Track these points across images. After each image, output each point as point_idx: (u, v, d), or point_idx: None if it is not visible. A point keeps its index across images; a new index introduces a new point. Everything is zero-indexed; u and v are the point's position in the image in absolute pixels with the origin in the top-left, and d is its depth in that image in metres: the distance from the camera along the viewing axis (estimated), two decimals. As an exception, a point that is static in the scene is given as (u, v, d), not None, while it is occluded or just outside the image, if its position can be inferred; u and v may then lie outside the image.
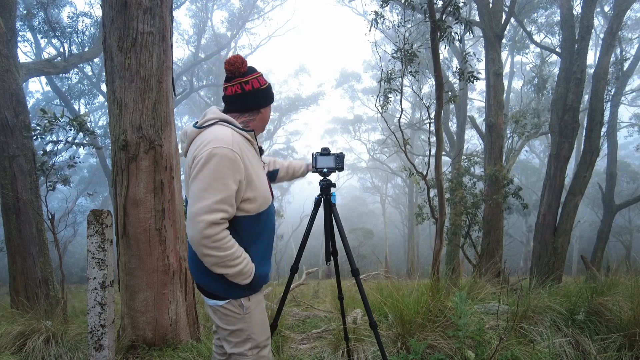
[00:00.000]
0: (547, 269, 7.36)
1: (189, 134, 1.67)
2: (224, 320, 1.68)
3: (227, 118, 1.65)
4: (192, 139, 1.64)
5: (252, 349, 1.69)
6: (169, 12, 3.30)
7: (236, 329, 1.67)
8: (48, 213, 4.76)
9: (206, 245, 1.48)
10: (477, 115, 18.50)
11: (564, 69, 8.28)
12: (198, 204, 1.48)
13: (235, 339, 1.68)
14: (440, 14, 4.23)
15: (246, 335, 1.68)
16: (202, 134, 1.60)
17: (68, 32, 11.93)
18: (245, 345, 1.68)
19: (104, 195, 24.96)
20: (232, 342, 1.69)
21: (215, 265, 1.54)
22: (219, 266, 1.54)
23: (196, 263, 1.66)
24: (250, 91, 1.70)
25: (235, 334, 1.68)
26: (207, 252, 1.50)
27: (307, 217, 5.90)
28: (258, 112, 1.77)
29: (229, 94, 1.72)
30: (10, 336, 2.97)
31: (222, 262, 1.53)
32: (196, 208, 1.48)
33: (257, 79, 1.72)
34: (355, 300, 4.06)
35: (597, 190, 14.27)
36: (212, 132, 1.57)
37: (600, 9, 14.60)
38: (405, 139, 4.88)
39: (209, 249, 1.49)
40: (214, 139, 1.53)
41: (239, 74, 1.69)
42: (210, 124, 1.63)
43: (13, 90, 5.28)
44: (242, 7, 23.57)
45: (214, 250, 1.49)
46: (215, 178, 1.48)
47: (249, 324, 1.68)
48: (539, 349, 2.49)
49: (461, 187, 8.48)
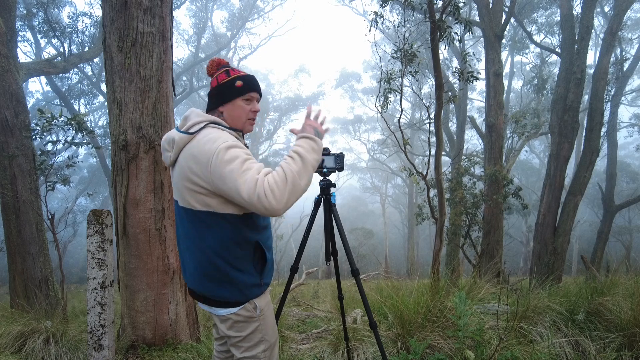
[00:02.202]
0: (547, 269, 7.37)
1: (177, 141, 1.55)
2: (235, 328, 1.62)
3: (214, 119, 1.60)
4: (182, 146, 1.54)
5: (265, 351, 1.66)
6: (169, 12, 3.30)
7: (249, 332, 1.62)
8: (48, 213, 4.76)
9: (284, 193, 1.38)
10: (477, 115, 18.49)
11: (564, 69, 8.29)
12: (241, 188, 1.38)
13: (248, 343, 1.63)
14: (440, 14, 4.22)
15: (260, 338, 1.64)
16: (197, 138, 1.51)
17: (68, 32, 11.93)
18: (259, 347, 1.64)
19: (104, 195, 24.95)
20: (244, 346, 1.64)
21: (300, 186, 1.44)
22: (303, 177, 1.45)
23: (204, 269, 1.58)
24: (214, 88, 1.67)
25: (248, 338, 1.63)
26: (290, 194, 1.40)
27: (307, 217, 5.90)
28: (219, 110, 1.67)
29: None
30: (10, 336, 2.96)
31: (300, 174, 1.44)
32: (241, 190, 1.38)
33: (218, 75, 1.67)
34: (355, 300, 4.05)
35: (597, 190, 14.27)
36: (209, 134, 1.50)
37: (600, 9, 14.60)
38: (405, 139, 4.88)
39: (278, 197, 1.38)
40: (217, 138, 1.47)
41: (209, 75, 1.70)
42: (200, 127, 1.54)
43: (13, 90, 5.28)
44: (242, 7, 23.56)
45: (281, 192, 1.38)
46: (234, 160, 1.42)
47: (263, 325, 1.65)
48: (539, 349, 2.49)
49: (461, 187, 8.48)
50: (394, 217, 36.88)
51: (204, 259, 1.57)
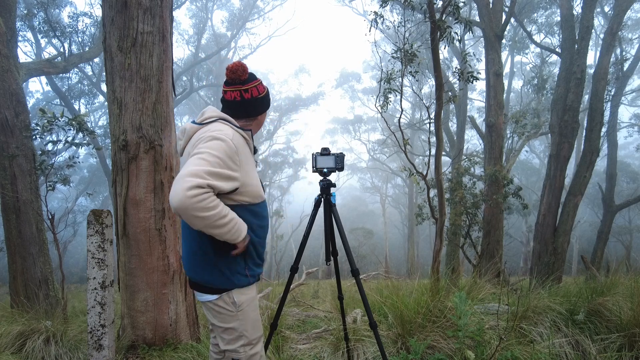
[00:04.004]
0: (547, 269, 7.36)
1: (187, 130, 1.70)
2: (218, 318, 1.71)
3: (226, 117, 1.71)
4: (191, 134, 1.68)
5: (244, 346, 1.72)
6: (169, 12, 3.30)
7: (229, 326, 1.70)
8: (48, 213, 4.76)
9: (193, 206, 1.41)
10: (477, 115, 18.47)
11: (564, 69, 8.29)
12: (187, 169, 1.45)
13: (229, 336, 1.71)
14: (440, 14, 4.22)
15: (238, 333, 1.71)
16: (203, 128, 1.64)
17: (68, 32, 11.93)
18: (238, 342, 1.71)
19: (104, 195, 24.95)
20: (225, 339, 1.72)
21: (206, 226, 1.49)
22: (209, 227, 1.49)
23: (194, 255, 1.68)
24: (249, 100, 1.75)
25: (228, 331, 1.71)
26: (195, 213, 1.43)
27: (307, 217, 5.90)
28: (255, 118, 1.82)
29: (229, 98, 1.76)
30: (10, 336, 2.96)
31: (212, 223, 1.48)
32: (185, 171, 1.44)
33: (256, 87, 1.76)
34: (355, 300, 4.05)
35: (597, 190, 14.26)
36: (214, 126, 1.63)
37: (600, 9, 14.59)
38: (405, 139, 4.87)
39: (197, 210, 1.42)
40: (217, 130, 1.59)
41: (239, 81, 1.73)
42: (211, 121, 1.68)
43: (13, 90, 5.28)
44: (242, 7, 23.54)
45: (202, 211, 1.43)
46: (213, 154, 1.50)
47: (242, 321, 1.71)
48: (539, 349, 2.49)
49: (461, 187, 8.47)
50: (394, 217, 36.87)
51: (193, 244, 1.68)
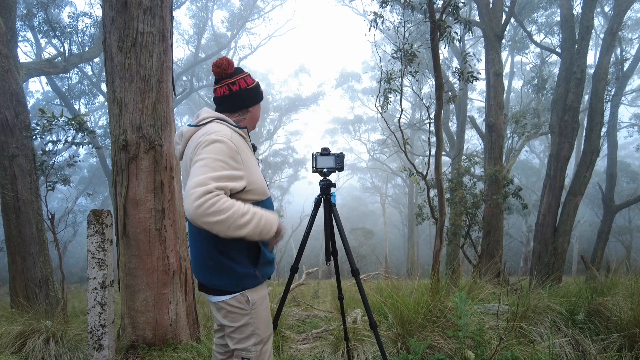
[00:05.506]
0: (547, 269, 7.37)
1: (184, 133, 1.69)
2: (229, 318, 1.69)
3: (221, 116, 1.71)
4: (189, 137, 1.67)
5: (256, 345, 1.71)
6: (169, 12, 3.30)
7: (241, 324, 1.68)
8: (48, 213, 4.76)
9: (204, 213, 1.37)
10: (477, 115, 18.46)
11: (564, 69, 8.29)
12: (192, 179, 1.44)
13: (240, 335, 1.69)
14: (440, 14, 4.22)
15: (251, 331, 1.69)
16: (200, 130, 1.64)
17: (68, 32, 11.94)
18: (250, 340, 1.70)
19: (104, 195, 24.95)
20: (236, 338, 1.70)
21: (229, 229, 1.43)
22: (232, 229, 1.44)
23: (202, 259, 1.67)
24: (237, 91, 1.76)
25: (240, 330, 1.69)
26: (210, 219, 1.38)
27: (307, 217, 5.89)
28: (247, 111, 1.82)
29: (218, 95, 1.78)
30: (10, 336, 2.96)
31: (232, 224, 1.43)
32: (190, 183, 1.44)
33: (243, 79, 1.78)
34: (355, 300, 4.05)
35: (597, 190, 14.27)
36: (211, 128, 1.61)
37: (600, 9, 14.59)
38: (405, 139, 4.87)
39: (209, 215, 1.38)
40: (215, 132, 1.57)
41: (225, 75, 1.75)
42: (207, 121, 1.67)
43: (13, 90, 5.28)
44: (242, 7, 23.53)
45: (215, 215, 1.38)
46: (214, 159, 1.50)
47: (255, 319, 1.70)
48: (539, 349, 2.49)
49: (461, 187, 8.47)
50: (394, 217, 36.87)
51: (201, 248, 1.67)
